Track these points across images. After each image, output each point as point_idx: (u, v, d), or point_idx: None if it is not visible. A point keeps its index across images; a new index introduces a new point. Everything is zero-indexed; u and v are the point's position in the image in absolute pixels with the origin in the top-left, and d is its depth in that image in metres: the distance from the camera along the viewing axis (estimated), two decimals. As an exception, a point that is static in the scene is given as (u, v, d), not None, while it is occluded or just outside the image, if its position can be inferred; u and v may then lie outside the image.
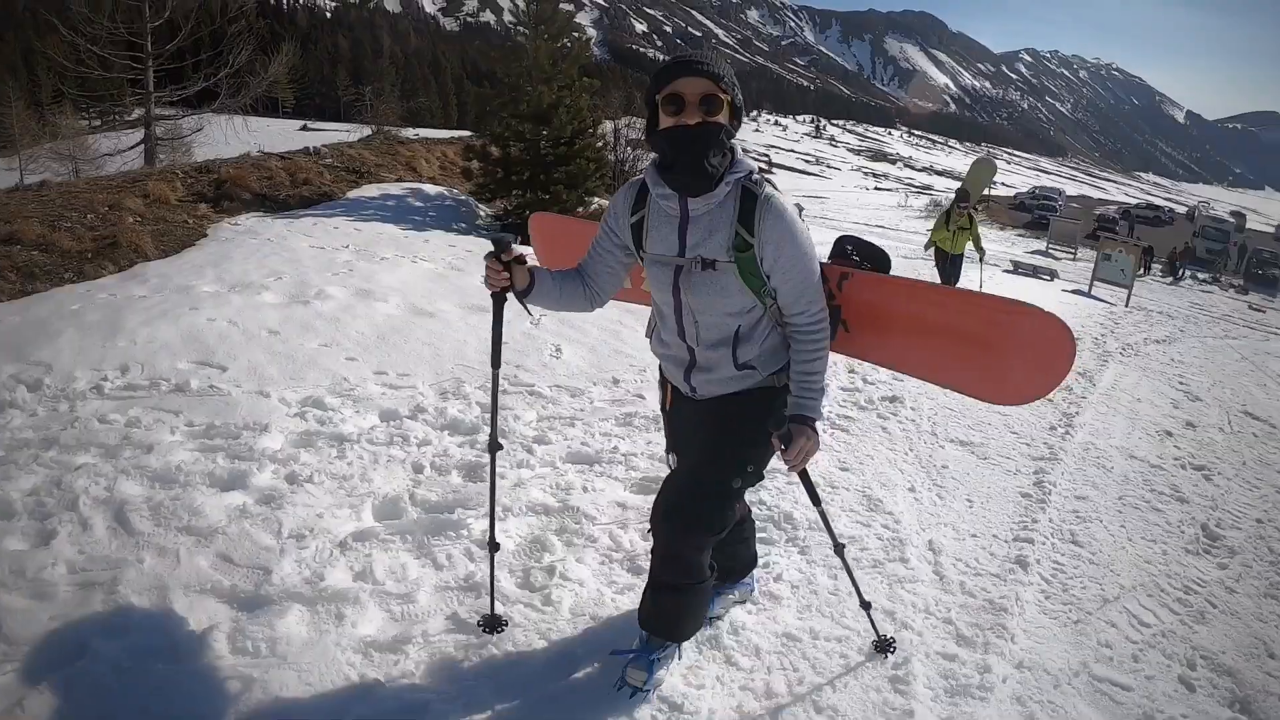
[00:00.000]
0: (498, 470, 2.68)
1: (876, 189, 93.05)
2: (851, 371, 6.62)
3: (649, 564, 2.56)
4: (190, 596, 2.74)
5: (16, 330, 5.21)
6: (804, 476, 2.57)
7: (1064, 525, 4.31)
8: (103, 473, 3.47)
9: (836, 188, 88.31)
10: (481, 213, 13.65)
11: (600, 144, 14.39)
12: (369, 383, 4.93)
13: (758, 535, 3.46)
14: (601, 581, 3.11)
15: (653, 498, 3.60)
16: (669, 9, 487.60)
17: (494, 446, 2.56)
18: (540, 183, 12.62)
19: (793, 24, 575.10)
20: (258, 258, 7.64)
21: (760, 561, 3.21)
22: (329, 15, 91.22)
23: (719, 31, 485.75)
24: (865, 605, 2.86)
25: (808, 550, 3.54)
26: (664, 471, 4.26)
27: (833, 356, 2.42)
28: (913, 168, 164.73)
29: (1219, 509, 5.06)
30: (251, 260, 7.52)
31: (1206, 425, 7.11)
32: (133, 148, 19.80)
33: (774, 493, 4.02)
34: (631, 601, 2.92)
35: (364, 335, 5.78)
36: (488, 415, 4.43)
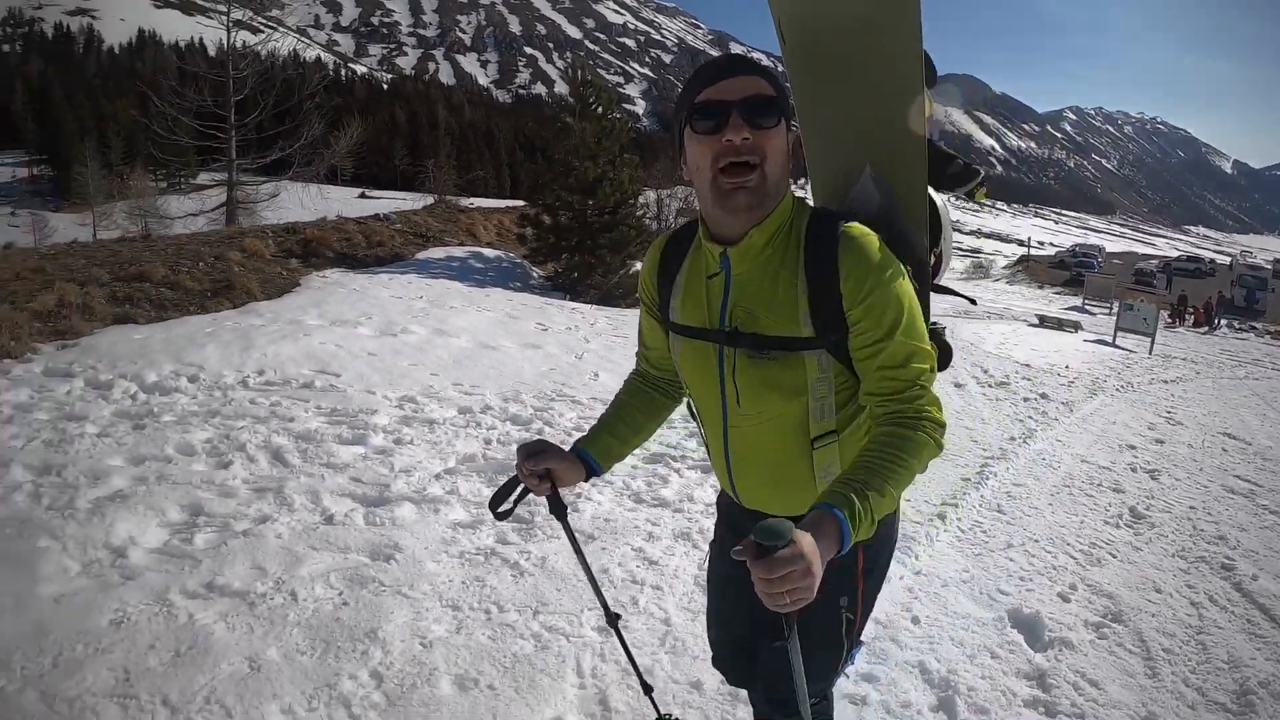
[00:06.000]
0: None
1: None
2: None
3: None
4: (334, 497, 3.93)
5: (167, 342, 6.51)
6: None
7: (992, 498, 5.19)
8: (259, 431, 4.73)
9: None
10: (535, 274, 15.06)
11: (640, 213, 15.80)
12: (449, 389, 6.13)
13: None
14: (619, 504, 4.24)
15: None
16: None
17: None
18: (587, 247, 14.01)
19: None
20: (349, 302, 8.99)
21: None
22: (385, 87, 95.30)
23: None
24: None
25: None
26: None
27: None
28: (960, 231, 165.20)
29: (1155, 499, 5.72)
30: (344, 304, 8.86)
31: (1176, 442, 7.75)
32: (216, 209, 21.56)
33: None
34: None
35: (443, 359, 7.04)
36: (540, 412, 5.69)
